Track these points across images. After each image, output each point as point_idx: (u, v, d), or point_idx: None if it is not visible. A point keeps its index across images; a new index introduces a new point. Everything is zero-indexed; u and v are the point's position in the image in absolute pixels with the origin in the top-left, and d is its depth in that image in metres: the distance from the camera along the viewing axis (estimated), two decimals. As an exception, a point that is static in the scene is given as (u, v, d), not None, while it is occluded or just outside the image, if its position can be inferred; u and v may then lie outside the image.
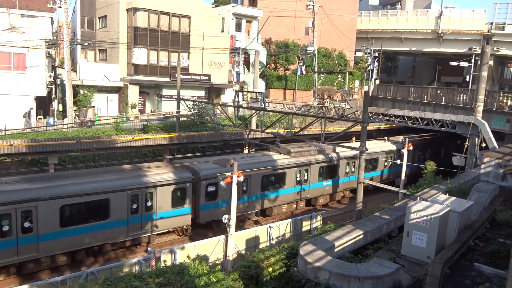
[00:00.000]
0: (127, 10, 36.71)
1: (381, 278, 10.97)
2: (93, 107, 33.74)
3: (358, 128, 23.18)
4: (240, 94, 31.21)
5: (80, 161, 24.95)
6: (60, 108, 34.01)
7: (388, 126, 40.16)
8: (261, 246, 18.30)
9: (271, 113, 33.90)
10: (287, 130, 25.83)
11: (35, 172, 22.76)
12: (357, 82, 52.93)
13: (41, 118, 32.38)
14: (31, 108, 30.25)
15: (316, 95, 44.08)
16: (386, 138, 35.11)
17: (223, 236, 16.91)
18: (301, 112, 33.05)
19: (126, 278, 11.09)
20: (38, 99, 31.43)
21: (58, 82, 36.74)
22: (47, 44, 30.87)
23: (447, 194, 15.54)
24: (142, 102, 38.24)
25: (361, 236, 14.12)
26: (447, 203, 13.22)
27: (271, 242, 18.78)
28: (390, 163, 31.76)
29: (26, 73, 29.92)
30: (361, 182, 18.11)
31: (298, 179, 25.63)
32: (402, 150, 26.14)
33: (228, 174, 15.87)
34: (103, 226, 17.83)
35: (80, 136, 24.43)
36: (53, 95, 35.82)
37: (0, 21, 30.91)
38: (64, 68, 31.98)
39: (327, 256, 11.98)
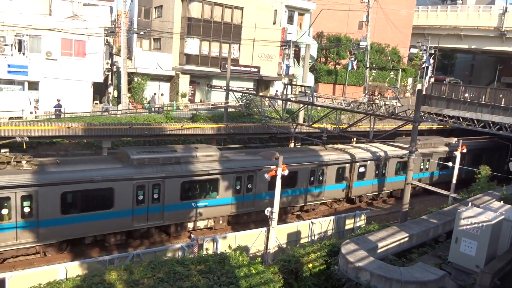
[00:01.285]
0: (182, 0, 37.41)
1: (425, 284, 10.62)
2: (162, 94, 35.15)
3: (409, 127, 22.40)
4: (289, 87, 31.04)
5: (131, 146, 25.86)
6: (115, 94, 35.41)
7: (441, 126, 38.50)
8: (302, 241, 18.23)
9: (319, 108, 33.48)
10: (335, 126, 25.38)
11: (91, 154, 23.89)
12: (410, 80, 51.09)
13: (97, 104, 33.91)
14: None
15: (366, 91, 43.01)
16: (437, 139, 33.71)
17: (264, 229, 16.99)
18: (350, 108, 32.42)
19: (169, 263, 11.43)
20: (95, 85, 32.89)
21: (114, 69, 38.22)
22: (105, 32, 32.20)
23: (502, 201, 14.74)
24: (192, 92, 39.01)
25: (406, 239, 13.71)
26: (501, 211, 12.54)
27: (313, 238, 18.67)
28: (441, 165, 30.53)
29: (86, 60, 31.37)
30: (409, 183, 17.52)
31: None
32: (455, 152, 25.00)
33: (272, 167, 15.88)
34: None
35: (132, 122, 25.31)
36: (109, 82, 37.34)
37: (64, 9, 32.54)
38: (120, 56, 33.23)
39: (369, 256, 11.75)
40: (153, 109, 29.94)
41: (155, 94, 34.87)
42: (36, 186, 15.55)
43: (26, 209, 15.58)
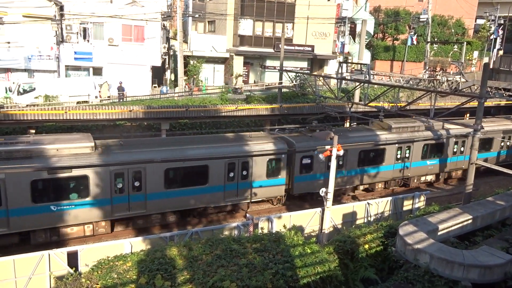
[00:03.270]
0: (235, -19, 37.34)
1: (490, 268, 10.12)
2: (241, 75, 35.90)
3: (474, 104, 21.10)
4: (344, 65, 30.24)
5: (188, 128, 26.63)
6: (172, 78, 36.41)
7: (510, 102, 35.85)
8: (358, 222, 17.98)
9: (375, 86, 32.36)
10: (392, 104, 24.48)
11: (150, 136, 24.88)
12: (475, 53, 47.82)
13: (155, 87, 35.07)
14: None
15: (427, 67, 40.89)
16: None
17: (319, 209, 16.93)
18: (409, 85, 31.00)
19: (226, 241, 11.75)
20: (153, 69, 33.98)
21: (171, 53, 39.19)
22: (162, 16, 33.00)
23: None
24: (246, 73, 39.17)
25: (470, 221, 13.09)
26: None
27: (369, 219, 18.35)
28: (509, 144, 28.53)
29: (144, 45, 32.45)
30: (473, 163, 16.60)
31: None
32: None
33: (327, 147, 15.68)
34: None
35: (189, 104, 25.97)
36: (166, 65, 38.39)
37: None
38: (176, 40, 33.98)
39: (429, 238, 11.37)
40: (233, 91, 30.77)
41: (231, 75, 35.53)
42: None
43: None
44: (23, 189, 15.29)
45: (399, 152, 24.31)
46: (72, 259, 12.92)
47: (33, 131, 22.05)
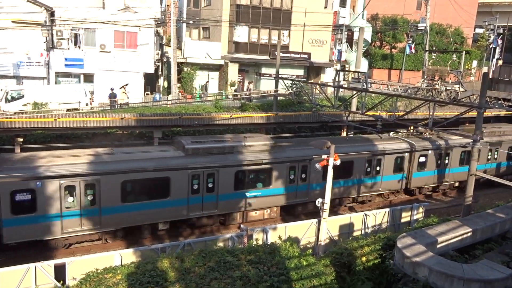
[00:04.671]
0: (231, -13, 37.65)
1: (491, 283, 10.11)
2: (252, 82, 36.87)
3: (473, 114, 21.24)
4: (341, 73, 30.43)
5: (180, 134, 26.56)
6: (165, 85, 36.45)
7: (510, 113, 36.15)
8: (355, 234, 17.96)
9: (373, 95, 32.51)
10: (390, 114, 24.62)
11: (142, 144, 24.79)
12: (474, 63, 48.32)
13: (148, 94, 35.08)
14: (207, 82, 33.83)
15: (425, 76, 41.22)
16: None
17: (315, 220, 16.91)
18: (407, 94, 31.23)
19: (219, 252, 11.68)
20: (146, 76, 34.00)
21: (164, 60, 39.29)
22: (156, 23, 33.13)
23: None
24: (241, 80, 39.29)
25: (469, 233, 13.10)
26: None
27: (366, 230, 18.34)
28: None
29: (137, 51, 32.52)
30: (473, 174, 16.67)
31: (399, 166, 24.53)
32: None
33: (324, 156, 15.71)
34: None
35: (182, 112, 25.96)
36: (160, 72, 38.45)
37: (116, 1, 33.78)
38: (170, 46, 34.09)
39: (428, 251, 11.36)
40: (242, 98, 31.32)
41: (207, 82, 35.70)
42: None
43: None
44: (229, 178, 19.34)
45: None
46: (60, 272, 12.77)
47: (21, 139, 21.91)
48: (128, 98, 29.82)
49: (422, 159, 25.33)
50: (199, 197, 18.94)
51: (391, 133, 27.19)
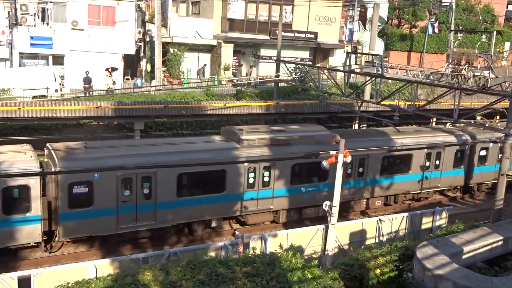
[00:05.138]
0: (225, -45, 37.48)
1: (524, 299, 10.14)
2: (255, 66, 36.91)
3: (505, 104, 21.25)
4: (353, 56, 30.34)
5: (167, 128, 26.56)
6: (149, 68, 36.33)
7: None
8: (368, 242, 17.99)
9: (389, 81, 32.46)
10: (409, 103, 24.59)
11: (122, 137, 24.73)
12: (507, 45, 48.32)
13: (128, 79, 34.98)
14: (205, 65, 33.99)
15: (450, 60, 41.19)
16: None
17: (322, 226, 16.92)
18: (429, 81, 31.19)
19: (210, 263, 11.66)
20: (126, 58, 33.87)
21: (147, 39, 39.12)
22: (137, -4, 32.99)
23: None
24: (237, 64, 39.19)
25: (500, 242, 13.13)
26: None
27: (381, 238, 18.38)
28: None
29: (115, 29, 32.36)
30: (504, 173, 16.70)
31: (460, 160, 25.72)
32: None
33: (332, 152, 15.70)
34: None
35: (168, 100, 25.89)
36: (142, 54, 38.30)
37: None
38: (154, 23, 33.96)
39: (452, 263, 11.38)
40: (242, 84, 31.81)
41: (205, 65, 35.70)
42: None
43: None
44: (286, 172, 20.53)
45: None
46: (24, 286, 12.74)
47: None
48: (114, 83, 29.77)
49: (483, 152, 26.45)
50: (255, 192, 20.16)
51: (448, 124, 27.66)
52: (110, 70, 30.21)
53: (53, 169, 16.79)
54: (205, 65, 36.13)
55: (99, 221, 17.44)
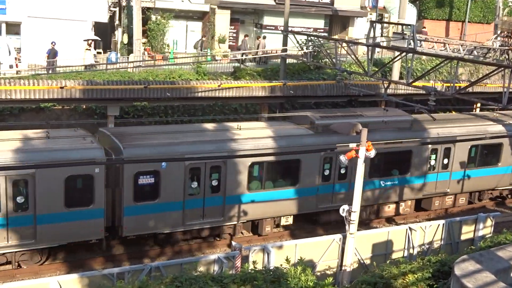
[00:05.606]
0: None
1: None
2: (264, 37, 36.60)
3: None
4: (378, 26, 30.28)
5: (148, 113, 26.54)
6: (125, 40, 36.22)
7: None
8: (394, 255, 18.05)
9: (423, 58, 32.42)
10: (448, 85, 24.61)
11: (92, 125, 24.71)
12: None
13: (100, 53, 34.90)
14: (203, 37, 35.06)
15: (498, 32, 41.12)
16: None
17: (338, 236, 16.96)
18: (473, 57, 31.13)
19: (201, 280, 11.70)
20: (97, 27, 33.76)
21: (124, 4, 38.94)
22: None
23: None
24: (234, 35, 39.10)
25: (558, 257, 13.17)
26: None
27: (411, 251, 18.45)
28: None
29: (84, -9, 32.21)
30: None
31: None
32: None
33: (352, 145, 15.73)
34: None
35: (149, 79, 25.82)
36: (116, 22, 38.16)
37: None
38: (131, -16, 33.82)
39: (498, 281, 11.41)
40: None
41: (203, 37, 35.56)
42: None
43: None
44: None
45: None
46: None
47: None
48: (95, 56, 29.69)
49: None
50: (330, 185, 21.72)
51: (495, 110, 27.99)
52: (89, 42, 30.11)
53: (113, 157, 18.11)
54: (203, 37, 35.78)
55: (164, 216, 18.96)
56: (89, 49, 30.00)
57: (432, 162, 23.97)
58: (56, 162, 17.18)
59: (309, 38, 29.66)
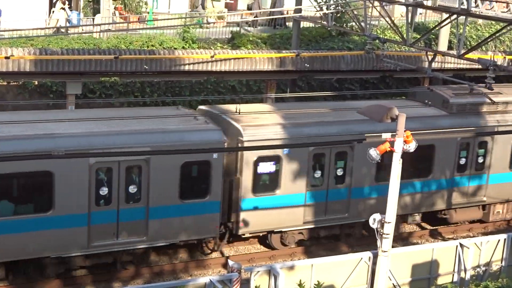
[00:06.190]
0: None
1: None
2: None
3: None
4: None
5: (119, 92, 26.45)
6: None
7: None
8: (440, 280, 18.04)
9: (480, 22, 32.32)
10: (511, 57, 24.50)
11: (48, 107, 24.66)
12: None
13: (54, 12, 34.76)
14: None
15: None
16: None
17: (367, 254, 16.93)
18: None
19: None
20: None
21: None
22: None
23: None
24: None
25: None
26: None
27: (462, 274, 18.39)
28: None
29: None
30: None
31: None
32: None
33: (385, 136, 15.65)
34: None
35: (121, 48, 25.70)
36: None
37: None
38: None
39: None
40: None
41: None
42: None
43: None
44: (508, 151, 23.45)
45: None
46: None
47: None
48: (68, 16, 29.63)
49: None
50: (465, 177, 23.01)
51: None
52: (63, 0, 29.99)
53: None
54: None
55: (285, 211, 20.18)
56: (64, 8, 29.80)
57: None
58: (172, 147, 18.27)
59: (330, -5, 29.60)
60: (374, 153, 16.01)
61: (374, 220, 15.64)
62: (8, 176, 16.72)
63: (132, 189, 18.10)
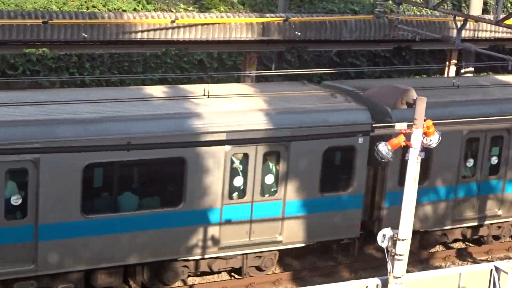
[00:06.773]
0: None
1: None
2: None
3: None
4: None
5: (49, 68, 26.36)
6: None
7: None
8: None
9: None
10: None
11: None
12: None
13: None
14: None
15: None
16: None
17: (375, 281, 16.96)
18: None
19: None
20: None
21: None
22: None
23: None
24: None
25: None
26: None
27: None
28: None
29: None
30: None
31: None
32: None
33: (400, 127, 15.65)
34: None
35: (52, 9, 25.57)
36: None
37: None
38: None
39: None
40: None
41: None
42: None
43: None
44: None
45: None
46: None
47: None
48: None
49: None
50: None
51: None
52: None
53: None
54: None
55: (431, 206, 21.13)
56: None
57: None
58: (316, 130, 19.27)
59: None
60: (384, 148, 16.01)
61: (383, 236, 15.63)
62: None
63: (268, 179, 19.18)
